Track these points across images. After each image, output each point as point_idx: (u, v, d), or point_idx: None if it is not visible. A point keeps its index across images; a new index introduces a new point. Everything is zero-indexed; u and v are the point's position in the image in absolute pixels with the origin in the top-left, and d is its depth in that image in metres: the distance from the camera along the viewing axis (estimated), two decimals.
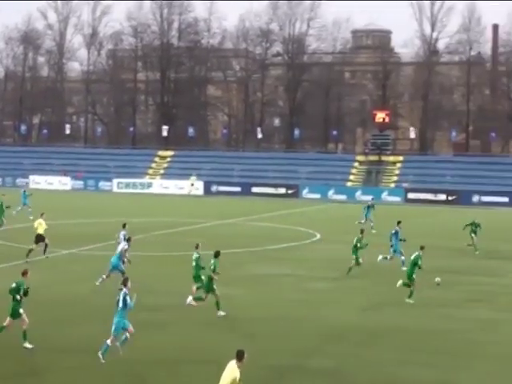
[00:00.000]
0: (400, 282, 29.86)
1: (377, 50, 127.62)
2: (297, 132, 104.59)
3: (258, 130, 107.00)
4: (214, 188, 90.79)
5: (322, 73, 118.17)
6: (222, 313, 26.06)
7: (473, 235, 43.40)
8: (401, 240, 37.12)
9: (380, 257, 36.43)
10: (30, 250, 36.47)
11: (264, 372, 19.98)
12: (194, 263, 28.18)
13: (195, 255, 28.34)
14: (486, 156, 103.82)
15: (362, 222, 54.81)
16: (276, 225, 56.62)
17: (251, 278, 33.71)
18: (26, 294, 21.81)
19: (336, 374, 20.27)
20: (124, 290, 21.22)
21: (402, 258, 35.98)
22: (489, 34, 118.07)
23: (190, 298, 27.14)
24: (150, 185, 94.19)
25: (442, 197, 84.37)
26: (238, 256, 39.70)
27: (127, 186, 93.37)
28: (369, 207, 56.76)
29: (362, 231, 36.54)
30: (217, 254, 26.82)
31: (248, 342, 22.66)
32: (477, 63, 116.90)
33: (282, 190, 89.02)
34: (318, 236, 50.02)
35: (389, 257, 36.74)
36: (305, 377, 19.88)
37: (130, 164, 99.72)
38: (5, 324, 21.69)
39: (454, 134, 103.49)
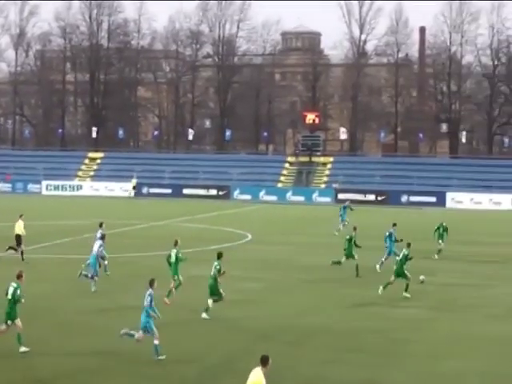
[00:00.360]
0: (381, 289, 30.47)
1: (306, 52, 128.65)
2: (228, 133, 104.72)
3: (189, 131, 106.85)
4: (144, 190, 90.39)
5: (252, 74, 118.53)
6: (205, 315, 25.86)
7: (439, 241, 42.28)
8: (396, 241, 37.18)
9: (377, 266, 36.45)
10: (22, 252, 36.69)
11: (193, 374, 19.98)
12: (173, 260, 28.45)
13: (174, 251, 28.57)
14: (414, 156, 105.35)
15: (345, 224, 54.13)
16: (208, 226, 56.60)
17: (183, 279, 33.56)
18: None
19: (268, 374, 20.34)
20: (150, 290, 21.34)
21: (397, 258, 35.81)
22: (416, 36, 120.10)
23: (204, 315, 25.99)
24: (79, 187, 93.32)
25: (372, 197, 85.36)
26: (160, 258, 39.43)
27: (56, 188, 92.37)
28: (345, 208, 56.11)
29: (354, 228, 36.94)
30: (219, 256, 26.57)
31: (176, 344, 22.66)
32: (404, 65, 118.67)
33: (214, 192, 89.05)
34: (250, 237, 50.15)
35: (383, 259, 36.71)
36: (233, 378, 19.92)
37: (59, 166, 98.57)
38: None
39: (382, 134, 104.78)
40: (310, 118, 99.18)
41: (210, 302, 25.91)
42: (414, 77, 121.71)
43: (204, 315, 25.86)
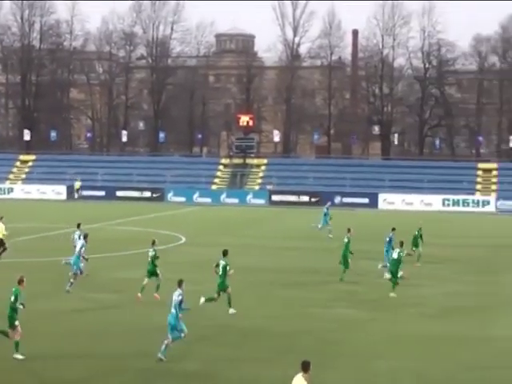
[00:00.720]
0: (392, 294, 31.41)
1: (240, 54, 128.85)
2: (162, 135, 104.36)
3: (123, 133, 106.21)
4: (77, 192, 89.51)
5: (186, 76, 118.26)
6: (233, 310, 27.25)
7: (413, 248, 41.19)
8: (393, 248, 36.24)
9: (380, 265, 36.57)
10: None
11: (129, 376, 19.95)
12: (150, 259, 29.81)
13: (151, 251, 29.94)
14: (347, 158, 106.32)
15: (327, 226, 54.03)
16: (141, 228, 56.37)
17: (116, 282, 33.49)
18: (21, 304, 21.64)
19: (203, 375, 20.44)
20: (179, 291, 21.79)
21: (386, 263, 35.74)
22: (349, 39, 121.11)
23: (202, 299, 27.48)
24: (10, 190, 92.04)
25: (305, 198, 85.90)
26: (104, 260, 39.35)
27: None
28: (327, 210, 55.57)
29: (349, 230, 36.94)
30: (225, 253, 28.12)
31: (113, 346, 22.60)
32: (338, 67, 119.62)
33: (147, 194, 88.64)
34: (184, 239, 50.12)
35: (386, 264, 36.18)
36: (171, 380, 19.96)
37: None
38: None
39: (316, 136, 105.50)
40: (244, 120, 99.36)
41: (227, 294, 27.39)
42: (346, 79, 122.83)
43: (231, 311, 27.31)
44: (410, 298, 31.48)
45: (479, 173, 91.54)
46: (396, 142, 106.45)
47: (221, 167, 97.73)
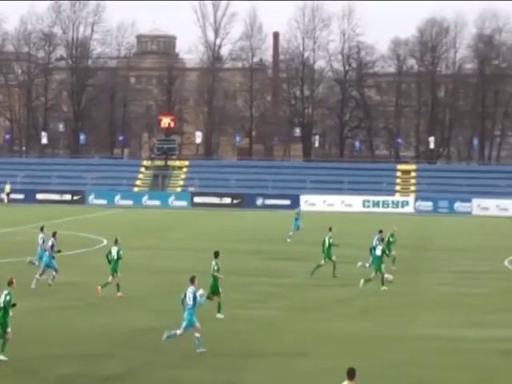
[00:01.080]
0: (362, 282, 33.06)
1: (162, 56, 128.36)
2: (82, 137, 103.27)
3: (43, 135, 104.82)
4: None
5: (107, 77, 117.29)
6: (220, 315, 27.29)
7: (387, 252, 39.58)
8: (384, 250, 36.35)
9: (359, 263, 36.78)
10: None
11: (50, 381, 19.77)
12: (114, 257, 30.85)
13: (115, 249, 30.90)
14: (269, 160, 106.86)
15: (294, 231, 53.50)
16: (62, 232, 55.61)
17: (38, 286, 33.07)
18: (13, 305, 21.60)
19: (124, 378, 20.36)
20: (192, 287, 22.46)
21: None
22: (270, 41, 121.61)
23: (218, 315, 27.43)
24: None
25: (227, 200, 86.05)
26: (23, 264, 38.78)
27: None
28: (298, 214, 54.96)
29: (330, 229, 37.42)
30: (216, 255, 28.17)
31: (32, 350, 22.35)
32: (259, 70, 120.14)
33: (68, 197, 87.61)
34: (105, 242, 49.71)
35: (366, 265, 36.48)
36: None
37: None
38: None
39: (238, 138, 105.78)
40: (166, 121, 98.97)
41: (219, 300, 27.33)
42: (268, 81, 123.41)
43: (219, 315, 27.31)
44: (329, 298, 31.82)
45: (398, 174, 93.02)
46: (317, 144, 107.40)
47: (142, 169, 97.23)
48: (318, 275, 37.57)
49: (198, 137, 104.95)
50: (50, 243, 33.16)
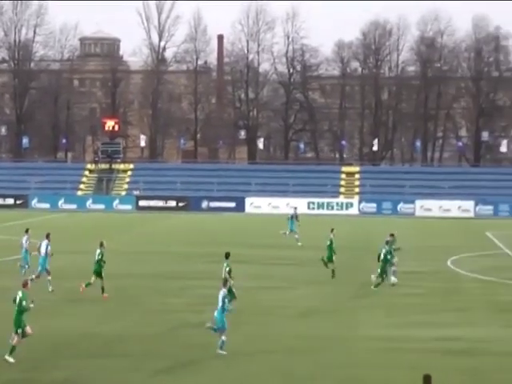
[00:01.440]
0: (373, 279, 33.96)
1: (106, 58, 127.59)
2: (25, 141, 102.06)
3: None
4: None
5: (50, 80, 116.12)
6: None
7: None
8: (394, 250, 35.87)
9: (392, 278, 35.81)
10: None
11: None
12: (96, 258, 31.52)
13: (99, 251, 31.69)
14: (214, 163, 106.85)
15: (287, 233, 53.32)
16: (5, 236, 55.05)
17: None
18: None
19: None
20: (223, 290, 23.40)
21: (393, 268, 35.50)
22: (215, 43, 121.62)
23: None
24: None
25: (173, 203, 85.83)
26: None
27: None
28: (292, 218, 54.27)
29: (332, 230, 37.65)
30: (227, 256, 29.06)
31: None
32: (204, 72, 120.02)
33: (10, 201, 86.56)
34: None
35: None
36: None
37: None
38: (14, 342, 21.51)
39: (182, 141, 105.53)
40: (110, 124, 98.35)
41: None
42: (213, 84, 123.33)
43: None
44: (274, 300, 31.91)
45: (343, 176, 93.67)
46: (262, 147, 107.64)
47: (86, 173, 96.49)
48: (266, 277, 37.69)
49: (143, 140, 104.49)
50: (46, 246, 34.17)
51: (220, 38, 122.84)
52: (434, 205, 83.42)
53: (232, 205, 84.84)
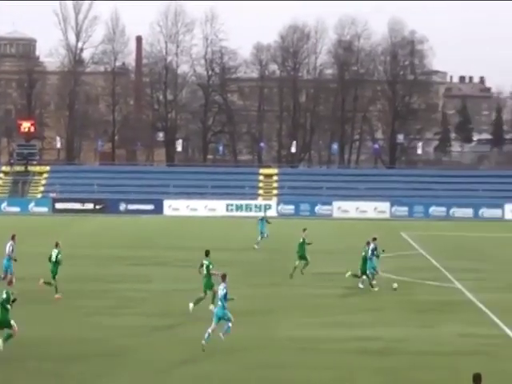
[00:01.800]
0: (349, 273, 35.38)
1: (21, 59, 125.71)
2: None
3: None
4: None
5: None
6: (213, 307, 27.59)
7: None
8: (377, 256, 35.76)
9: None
10: None
11: None
12: (54, 259, 32.08)
13: (55, 252, 32.23)
14: (132, 165, 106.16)
15: (264, 236, 52.24)
16: None
17: None
18: (13, 301, 22.80)
19: None
20: (223, 284, 23.91)
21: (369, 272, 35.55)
22: (133, 45, 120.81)
23: (191, 305, 28.95)
24: None
25: (90, 206, 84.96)
26: None
27: None
28: (262, 220, 53.57)
29: (304, 230, 38.68)
30: (207, 253, 29.62)
31: None
32: (122, 73, 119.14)
33: None
34: None
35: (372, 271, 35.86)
36: None
37: None
38: None
39: (100, 143, 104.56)
40: (26, 126, 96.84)
41: (212, 292, 28.70)
42: (131, 85, 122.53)
43: (211, 307, 28.18)
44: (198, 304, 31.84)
45: (261, 178, 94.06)
46: (180, 149, 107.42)
47: (1, 175, 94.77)
48: (183, 279, 37.62)
49: (59, 142, 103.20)
50: (9, 247, 34.73)
51: (138, 39, 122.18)
52: (351, 206, 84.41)
53: (150, 207, 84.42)
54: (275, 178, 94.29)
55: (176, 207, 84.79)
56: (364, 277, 35.41)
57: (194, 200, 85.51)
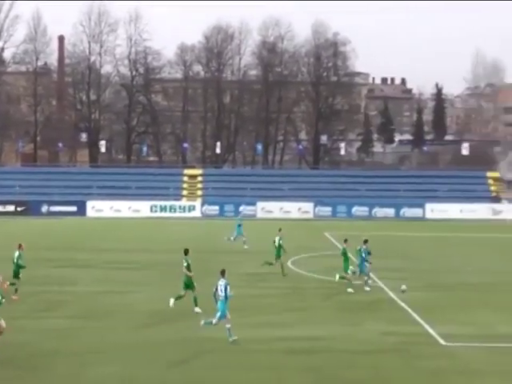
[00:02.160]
0: (337, 276, 35.59)
1: None
2: None
3: None
4: None
5: None
6: (198, 309, 28.93)
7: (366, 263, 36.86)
8: (367, 261, 35.66)
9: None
10: None
11: None
12: (15, 260, 32.62)
13: (17, 254, 32.82)
14: (54, 166, 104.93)
15: (232, 239, 53.93)
16: None
17: None
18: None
19: None
20: (225, 280, 24.77)
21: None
22: (55, 44, 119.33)
23: (172, 301, 29.76)
24: None
25: (11, 208, 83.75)
26: None
27: None
28: (239, 226, 54.42)
29: (280, 229, 40.30)
30: (186, 252, 30.09)
31: None
32: (44, 73, 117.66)
33: None
34: None
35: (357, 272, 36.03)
36: None
37: None
38: None
39: (21, 144, 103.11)
40: None
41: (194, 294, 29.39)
42: (53, 86, 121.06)
43: (197, 309, 29.13)
44: (117, 305, 31.72)
45: (185, 179, 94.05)
46: (104, 149, 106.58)
47: None
48: (108, 281, 37.44)
49: None
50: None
51: (61, 38, 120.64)
52: (275, 206, 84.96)
53: (73, 209, 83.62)
54: (199, 178, 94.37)
55: (99, 208, 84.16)
56: (352, 275, 35.57)
57: (117, 201, 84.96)
